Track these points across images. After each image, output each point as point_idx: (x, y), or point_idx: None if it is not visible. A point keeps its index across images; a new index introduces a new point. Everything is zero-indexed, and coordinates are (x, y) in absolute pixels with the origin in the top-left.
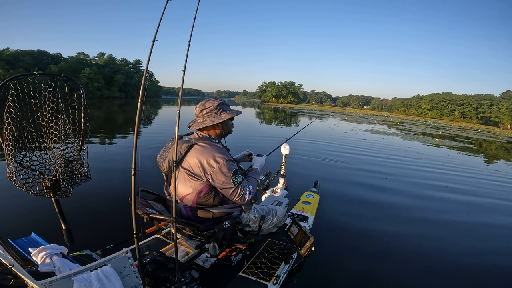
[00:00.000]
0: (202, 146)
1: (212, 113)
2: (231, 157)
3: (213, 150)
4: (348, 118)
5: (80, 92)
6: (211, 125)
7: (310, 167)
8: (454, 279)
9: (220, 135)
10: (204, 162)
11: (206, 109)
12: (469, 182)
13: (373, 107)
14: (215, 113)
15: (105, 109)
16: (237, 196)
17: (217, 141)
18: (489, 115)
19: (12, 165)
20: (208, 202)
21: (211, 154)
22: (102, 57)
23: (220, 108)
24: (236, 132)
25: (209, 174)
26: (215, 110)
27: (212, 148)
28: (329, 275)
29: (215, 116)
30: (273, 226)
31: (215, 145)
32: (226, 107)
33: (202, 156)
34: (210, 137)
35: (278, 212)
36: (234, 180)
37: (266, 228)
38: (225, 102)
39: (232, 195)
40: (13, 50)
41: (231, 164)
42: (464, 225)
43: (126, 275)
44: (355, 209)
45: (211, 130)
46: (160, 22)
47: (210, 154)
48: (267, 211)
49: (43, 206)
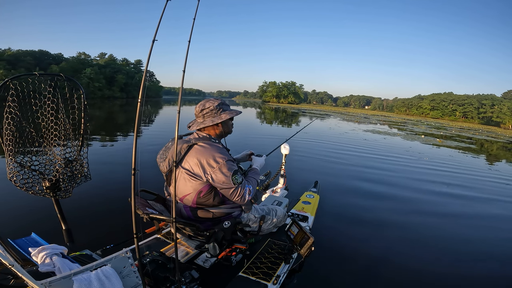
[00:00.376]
0: (202, 146)
1: (212, 113)
2: (231, 157)
3: (213, 150)
4: (349, 118)
5: (80, 92)
6: (211, 125)
7: (310, 167)
8: (456, 279)
9: (220, 135)
10: (204, 162)
11: (206, 109)
12: (472, 182)
13: (374, 107)
14: (215, 113)
15: (106, 109)
16: (237, 196)
17: (217, 141)
18: (491, 115)
19: (12, 165)
20: (208, 202)
21: (211, 154)
22: (103, 57)
23: (220, 108)
24: (237, 132)
25: (209, 174)
26: (215, 110)
27: (212, 148)
28: (329, 275)
29: (215, 116)
30: (273, 226)
31: (215, 145)
32: (226, 107)
33: (202, 156)
34: (210, 137)
35: (278, 212)
36: (234, 180)
37: (266, 228)
38: (225, 102)
39: (232, 195)
40: (14, 50)
41: (231, 164)
42: (466, 226)
43: (126, 275)
44: (355, 209)
45: (211, 130)
46: (160, 22)
47: (210, 154)
48: (267, 211)
49: (43, 206)
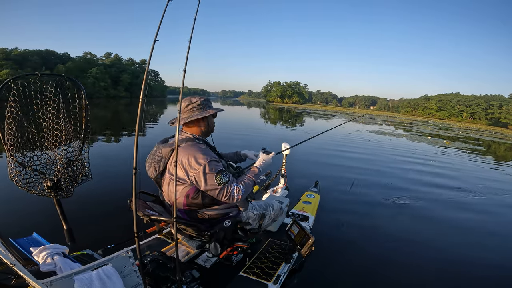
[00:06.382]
0: (184, 148)
1: (198, 108)
2: (216, 156)
3: (194, 151)
4: (353, 118)
5: (81, 92)
6: (196, 120)
7: (311, 167)
8: (458, 280)
9: (206, 133)
10: (186, 164)
11: (193, 104)
12: (479, 185)
13: (379, 107)
14: (202, 108)
15: (111, 109)
16: (224, 196)
17: (201, 142)
18: (498, 116)
19: (14, 165)
20: (198, 204)
21: (193, 156)
22: (109, 56)
23: (206, 104)
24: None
25: (192, 176)
26: (201, 105)
27: (194, 149)
28: (329, 275)
29: (201, 110)
30: (271, 221)
31: (198, 145)
32: (211, 104)
33: (184, 158)
34: (194, 137)
35: (275, 206)
36: (218, 181)
37: (266, 224)
38: (209, 99)
39: (219, 196)
40: (21, 50)
41: (214, 165)
42: (468, 228)
43: (127, 274)
44: (356, 209)
45: (195, 127)
46: (160, 23)
47: (192, 156)
48: (264, 207)
49: (44, 206)
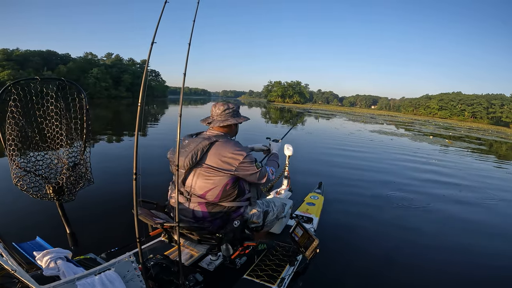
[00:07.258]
0: (225, 141)
1: (235, 113)
2: (249, 149)
3: (235, 145)
4: (355, 118)
5: (81, 96)
6: (232, 124)
7: (314, 168)
8: (461, 280)
9: (234, 134)
10: (229, 156)
11: (230, 109)
12: (483, 185)
13: (380, 107)
14: (236, 114)
15: (112, 109)
16: (263, 178)
17: (234, 138)
18: (500, 115)
19: (16, 170)
20: (232, 194)
21: (234, 149)
22: (110, 57)
23: (238, 112)
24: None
25: (235, 166)
26: (237, 111)
27: (233, 143)
28: (334, 278)
29: (235, 116)
30: (275, 217)
31: (234, 141)
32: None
33: (227, 151)
34: (227, 134)
35: (276, 203)
36: (257, 166)
37: (270, 220)
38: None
39: (259, 178)
40: (22, 51)
41: (251, 156)
42: (472, 229)
43: (130, 279)
44: (360, 211)
45: (228, 128)
46: (158, 24)
47: (234, 149)
48: (266, 204)
49: (47, 210)
